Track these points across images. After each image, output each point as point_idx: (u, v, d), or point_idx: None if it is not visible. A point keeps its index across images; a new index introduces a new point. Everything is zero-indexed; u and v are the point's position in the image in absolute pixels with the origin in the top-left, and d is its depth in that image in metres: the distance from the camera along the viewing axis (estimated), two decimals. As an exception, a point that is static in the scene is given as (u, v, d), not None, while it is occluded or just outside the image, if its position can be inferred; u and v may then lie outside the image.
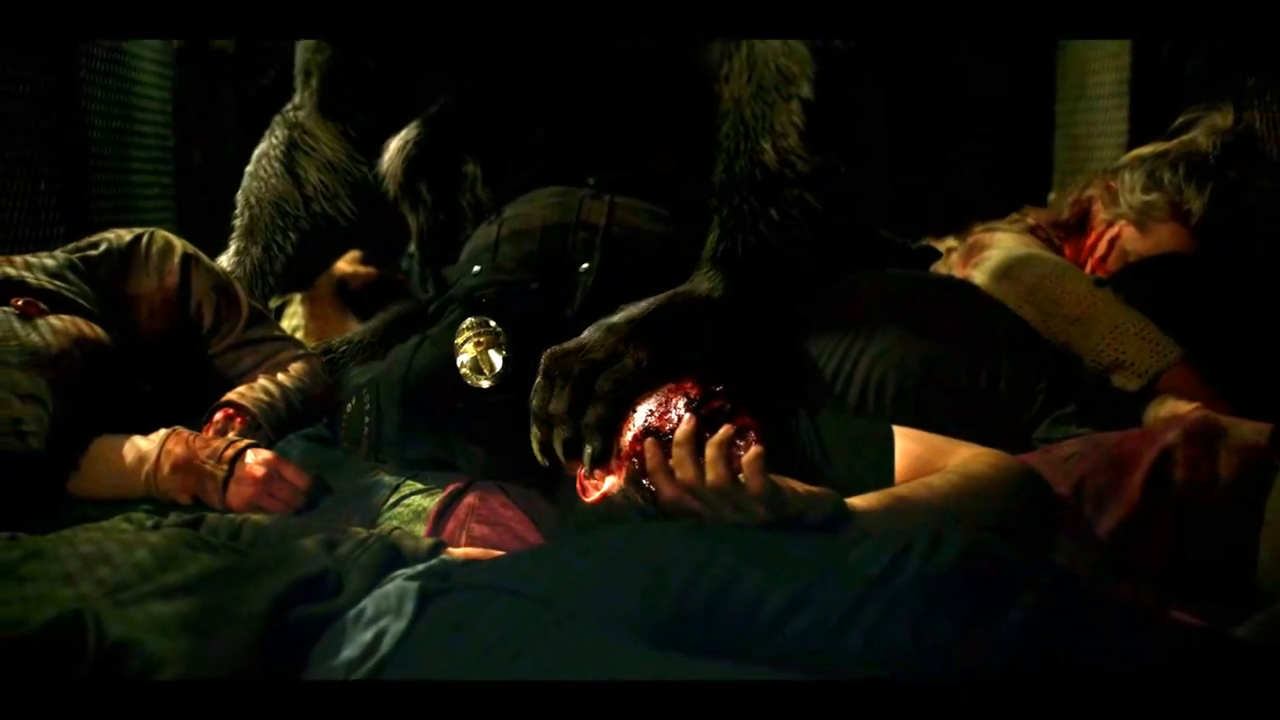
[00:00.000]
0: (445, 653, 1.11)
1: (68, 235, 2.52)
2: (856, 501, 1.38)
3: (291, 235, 2.26)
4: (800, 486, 1.35)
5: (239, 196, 2.32)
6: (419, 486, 1.65)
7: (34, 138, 2.44)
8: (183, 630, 1.11)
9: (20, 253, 1.94)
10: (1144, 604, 1.34)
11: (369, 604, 1.17)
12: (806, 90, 1.75)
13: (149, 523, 1.44)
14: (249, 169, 2.31)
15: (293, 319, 2.57)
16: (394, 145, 2.11)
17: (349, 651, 1.11)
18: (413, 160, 2.06)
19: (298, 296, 2.48)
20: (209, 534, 1.38)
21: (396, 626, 1.13)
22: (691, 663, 1.07)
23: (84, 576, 1.20)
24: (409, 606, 1.15)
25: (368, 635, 1.13)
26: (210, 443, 1.63)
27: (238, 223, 2.30)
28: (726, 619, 1.14)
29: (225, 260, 2.22)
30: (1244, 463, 1.49)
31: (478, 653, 1.09)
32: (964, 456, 1.54)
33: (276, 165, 2.27)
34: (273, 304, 2.37)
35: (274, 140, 2.29)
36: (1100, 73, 3.37)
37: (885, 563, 1.16)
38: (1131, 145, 2.59)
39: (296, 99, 2.30)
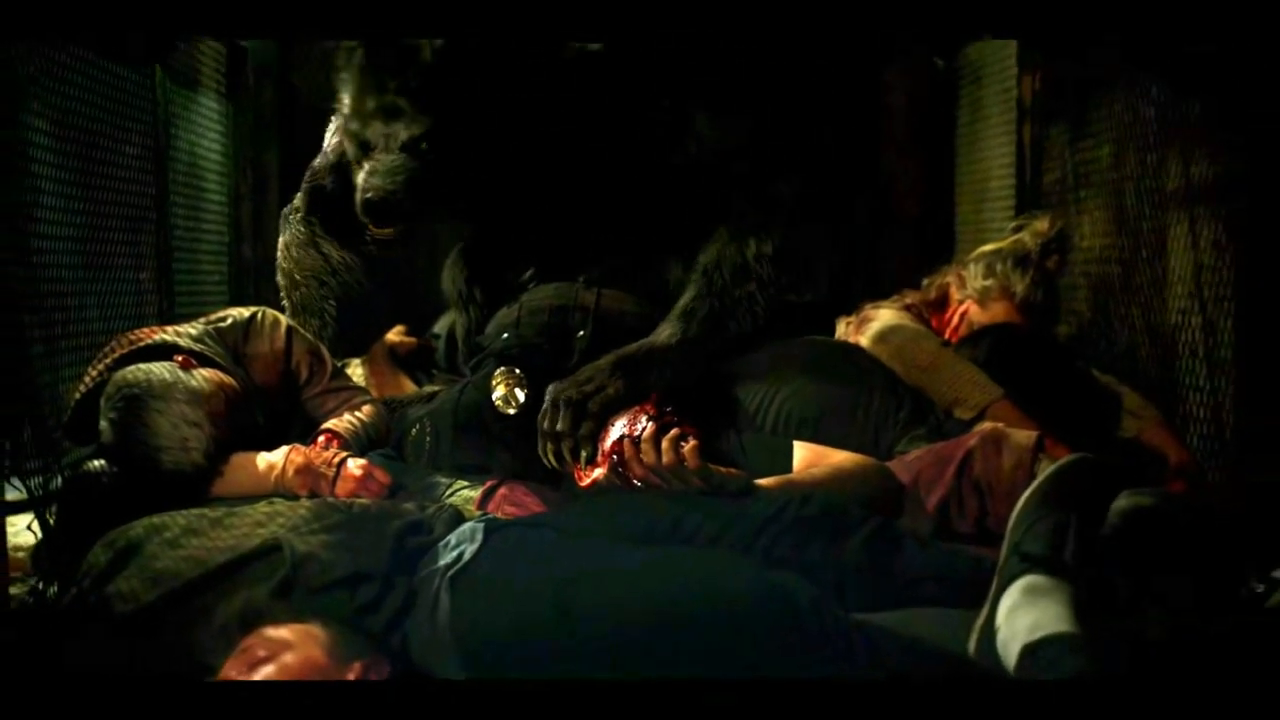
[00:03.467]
0: (505, 564, 1.70)
1: (158, 313, 3.07)
2: (761, 481, 2.01)
3: (334, 303, 2.73)
4: (724, 469, 2.00)
5: (280, 280, 2.75)
6: (465, 483, 2.16)
7: (137, 237, 3.01)
8: (342, 549, 1.74)
9: (126, 327, 2.53)
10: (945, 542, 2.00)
11: (452, 537, 1.78)
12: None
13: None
14: (280, 255, 2.72)
15: (354, 378, 3.00)
16: (449, 262, 2.71)
17: (443, 562, 1.72)
18: (466, 276, 2.69)
19: (356, 360, 2.96)
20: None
21: (472, 548, 1.73)
22: (663, 548, 1.72)
23: (270, 523, 1.85)
24: (479, 536, 1.75)
25: (454, 554, 1.73)
26: (321, 454, 2.20)
27: (287, 303, 2.76)
28: (677, 542, 1.80)
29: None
30: (1018, 459, 2.01)
31: (526, 563, 1.70)
32: (840, 458, 2.14)
33: (309, 248, 2.74)
34: (335, 364, 2.89)
35: (298, 230, 2.76)
36: (995, 179, 4.02)
37: (773, 511, 1.81)
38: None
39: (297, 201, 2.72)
